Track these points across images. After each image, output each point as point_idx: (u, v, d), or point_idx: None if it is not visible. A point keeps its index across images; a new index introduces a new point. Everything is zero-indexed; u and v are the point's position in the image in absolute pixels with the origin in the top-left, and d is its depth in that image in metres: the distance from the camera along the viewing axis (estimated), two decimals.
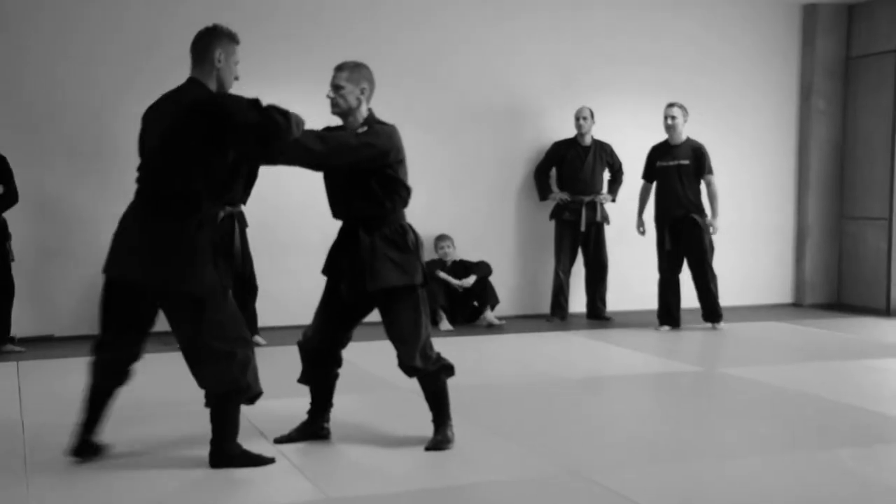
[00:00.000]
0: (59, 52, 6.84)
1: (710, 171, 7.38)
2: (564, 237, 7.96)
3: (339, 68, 3.95)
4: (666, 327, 7.48)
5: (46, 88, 6.78)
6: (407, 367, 4.00)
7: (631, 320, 7.86)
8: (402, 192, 3.99)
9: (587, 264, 8.06)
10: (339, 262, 4.00)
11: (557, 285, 7.96)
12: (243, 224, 6.64)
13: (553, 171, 8.08)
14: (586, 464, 3.83)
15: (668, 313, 7.48)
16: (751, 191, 8.86)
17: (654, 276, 8.35)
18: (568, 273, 7.98)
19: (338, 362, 4.18)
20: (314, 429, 4.13)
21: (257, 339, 6.65)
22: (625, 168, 8.08)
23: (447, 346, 6.67)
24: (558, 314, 7.93)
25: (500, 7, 8.07)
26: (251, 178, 6.68)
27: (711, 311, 7.47)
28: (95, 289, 6.40)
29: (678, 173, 7.33)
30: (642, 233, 7.59)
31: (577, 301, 8.15)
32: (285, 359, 6.14)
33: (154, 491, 3.50)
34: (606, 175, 8.06)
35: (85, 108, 6.90)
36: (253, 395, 3.72)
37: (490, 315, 7.54)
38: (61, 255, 6.82)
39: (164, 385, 5.00)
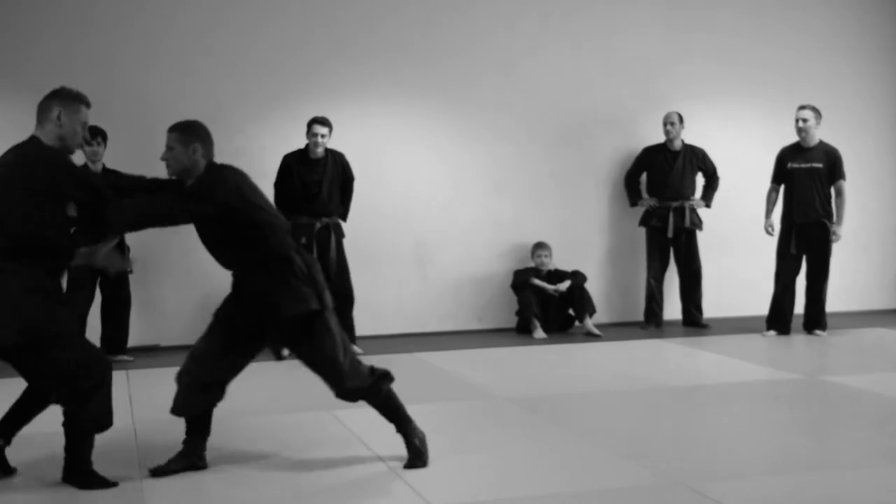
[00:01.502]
0: (183, 67, 7.08)
1: (843, 177, 7.19)
2: (654, 243, 7.87)
3: (170, 129, 3.83)
4: (772, 332, 7.31)
5: (166, 100, 6.97)
6: (341, 392, 3.85)
7: (728, 327, 7.71)
8: (270, 228, 3.79)
9: (679, 271, 7.94)
10: (232, 311, 3.86)
11: (649, 292, 7.87)
12: (339, 235, 6.77)
13: (643, 177, 8.00)
14: (688, 473, 3.78)
15: (781, 318, 7.31)
16: (853, 194, 8.59)
17: (750, 281, 8.20)
18: (660, 280, 7.88)
19: (223, 390, 3.93)
20: (193, 459, 3.89)
21: (355, 348, 6.74)
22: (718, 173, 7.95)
23: (542, 354, 6.74)
24: (652, 321, 7.83)
25: (587, 14, 8.04)
26: (347, 193, 6.84)
27: (817, 319, 7.29)
28: (201, 299, 6.65)
29: (810, 176, 7.16)
30: (770, 233, 7.41)
31: (672, 308, 8.04)
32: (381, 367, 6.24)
33: (261, 497, 3.60)
34: (700, 180, 7.94)
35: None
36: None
37: (589, 324, 7.49)
38: (169, 267, 7.06)
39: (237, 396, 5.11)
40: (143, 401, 5.20)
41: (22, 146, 3.72)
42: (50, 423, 3.80)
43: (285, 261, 3.78)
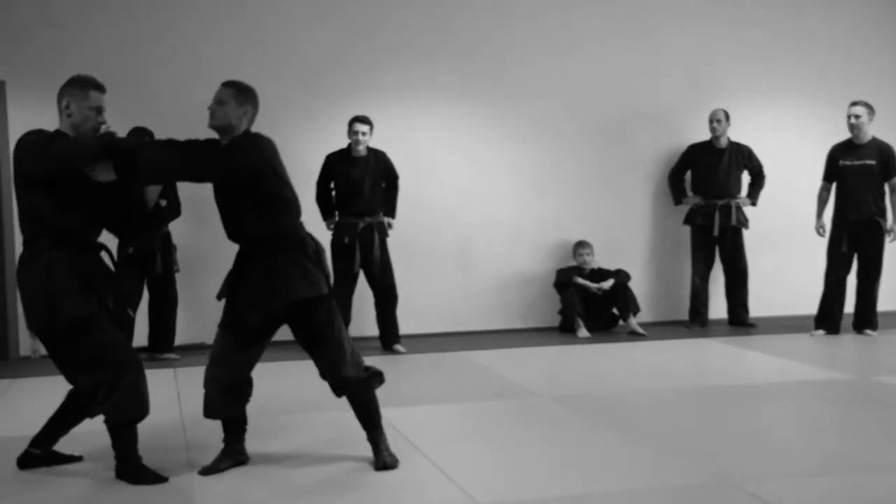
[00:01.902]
0: (227, 70, 7.08)
1: None
2: (699, 242, 7.79)
3: (227, 84, 3.82)
4: (821, 331, 7.20)
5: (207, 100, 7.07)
6: (336, 378, 3.79)
7: (775, 326, 7.62)
8: (288, 206, 3.80)
9: (725, 270, 7.86)
10: (237, 287, 3.81)
11: (694, 291, 7.80)
12: (383, 233, 6.80)
13: (688, 175, 7.93)
14: (737, 473, 3.74)
15: (830, 317, 7.20)
16: None
17: (797, 280, 8.10)
18: (705, 279, 7.80)
19: (251, 384, 3.96)
20: (236, 456, 3.94)
21: (397, 347, 6.78)
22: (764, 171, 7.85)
23: (586, 353, 6.70)
24: (698, 320, 7.76)
25: (631, 11, 7.99)
26: (393, 191, 6.86)
27: (867, 318, 7.17)
28: None
29: (863, 173, 7.05)
30: (822, 234, 7.31)
31: (718, 307, 7.96)
32: (425, 366, 6.27)
33: (309, 493, 3.63)
34: (746, 178, 7.85)
35: None
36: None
37: (633, 322, 7.44)
38: (215, 266, 7.11)
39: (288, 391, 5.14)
40: (190, 398, 5.23)
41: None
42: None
43: (299, 242, 3.79)
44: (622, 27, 7.97)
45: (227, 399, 3.89)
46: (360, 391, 3.86)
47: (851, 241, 7.08)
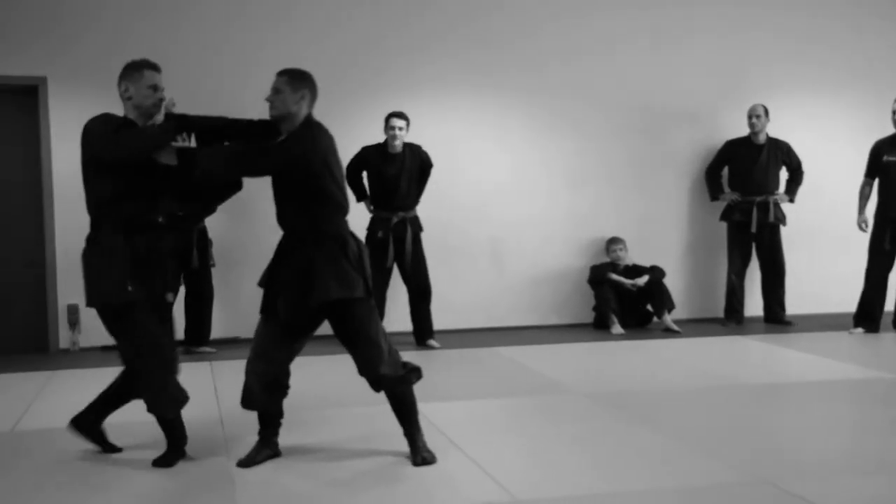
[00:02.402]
0: (256, 64, 7.17)
1: None
2: (736, 238, 7.72)
3: (281, 73, 3.85)
4: (860, 329, 7.12)
5: (237, 97, 7.11)
6: (374, 375, 3.81)
7: (813, 324, 7.53)
8: (333, 204, 3.82)
9: (762, 267, 7.79)
10: (277, 277, 3.83)
11: (730, 288, 7.73)
12: (417, 228, 6.80)
13: (725, 171, 7.86)
14: (776, 473, 3.70)
15: (870, 315, 7.11)
16: None
17: (834, 277, 8.02)
18: (741, 276, 7.73)
19: (289, 376, 3.97)
20: (271, 447, 3.97)
21: (431, 342, 6.79)
22: (803, 167, 7.77)
23: (620, 350, 6.67)
24: (733, 318, 7.69)
25: (670, 5, 7.93)
26: (424, 180, 6.85)
27: None
28: None
29: None
30: (864, 229, 7.20)
31: (753, 305, 7.89)
32: (459, 362, 6.27)
33: (348, 486, 3.64)
34: (784, 174, 7.76)
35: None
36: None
37: (668, 319, 7.39)
38: (249, 261, 7.16)
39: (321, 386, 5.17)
40: (227, 392, 5.29)
41: None
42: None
43: (340, 242, 3.79)
44: (660, 22, 7.91)
45: (267, 392, 3.91)
46: (396, 388, 3.87)
47: (894, 239, 6.98)
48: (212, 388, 5.41)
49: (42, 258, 6.93)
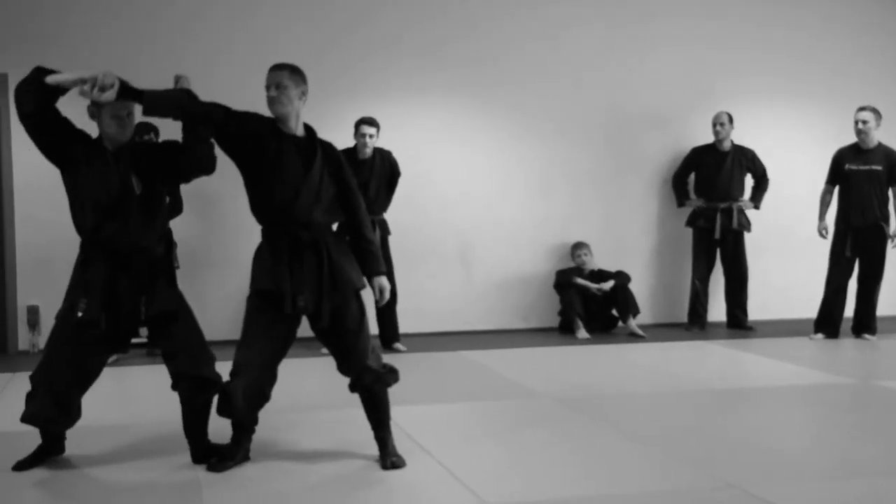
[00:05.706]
0: (239, 65, 7.11)
1: None
2: (700, 244, 7.81)
3: (279, 67, 3.79)
4: (820, 335, 7.23)
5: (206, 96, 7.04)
6: (362, 366, 3.77)
7: (774, 330, 7.63)
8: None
9: (726, 273, 7.88)
10: (288, 276, 3.69)
11: (694, 293, 7.82)
12: (385, 232, 6.78)
13: (691, 178, 7.94)
14: (741, 476, 3.73)
15: (830, 321, 7.22)
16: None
17: (795, 284, 8.12)
18: (705, 281, 7.81)
19: (274, 384, 3.87)
20: (244, 454, 3.91)
21: (397, 345, 6.78)
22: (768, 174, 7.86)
23: (585, 354, 6.70)
24: (697, 323, 7.77)
25: (636, 14, 7.99)
26: (392, 188, 6.85)
27: (867, 323, 7.20)
28: (243, 295, 6.66)
29: (869, 179, 7.06)
30: (824, 236, 7.32)
31: (717, 310, 7.97)
32: (426, 365, 6.26)
33: (317, 491, 3.63)
34: (750, 182, 7.86)
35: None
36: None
37: (633, 324, 7.44)
38: (212, 262, 7.10)
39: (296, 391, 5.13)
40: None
41: None
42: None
43: (340, 234, 3.89)
44: (627, 30, 7.97)
45: (248, 403, 3.78)
46: (375, 385, 3.84)
47: (855, 246, 7.10)
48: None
49: (1, 258, 6.81)
